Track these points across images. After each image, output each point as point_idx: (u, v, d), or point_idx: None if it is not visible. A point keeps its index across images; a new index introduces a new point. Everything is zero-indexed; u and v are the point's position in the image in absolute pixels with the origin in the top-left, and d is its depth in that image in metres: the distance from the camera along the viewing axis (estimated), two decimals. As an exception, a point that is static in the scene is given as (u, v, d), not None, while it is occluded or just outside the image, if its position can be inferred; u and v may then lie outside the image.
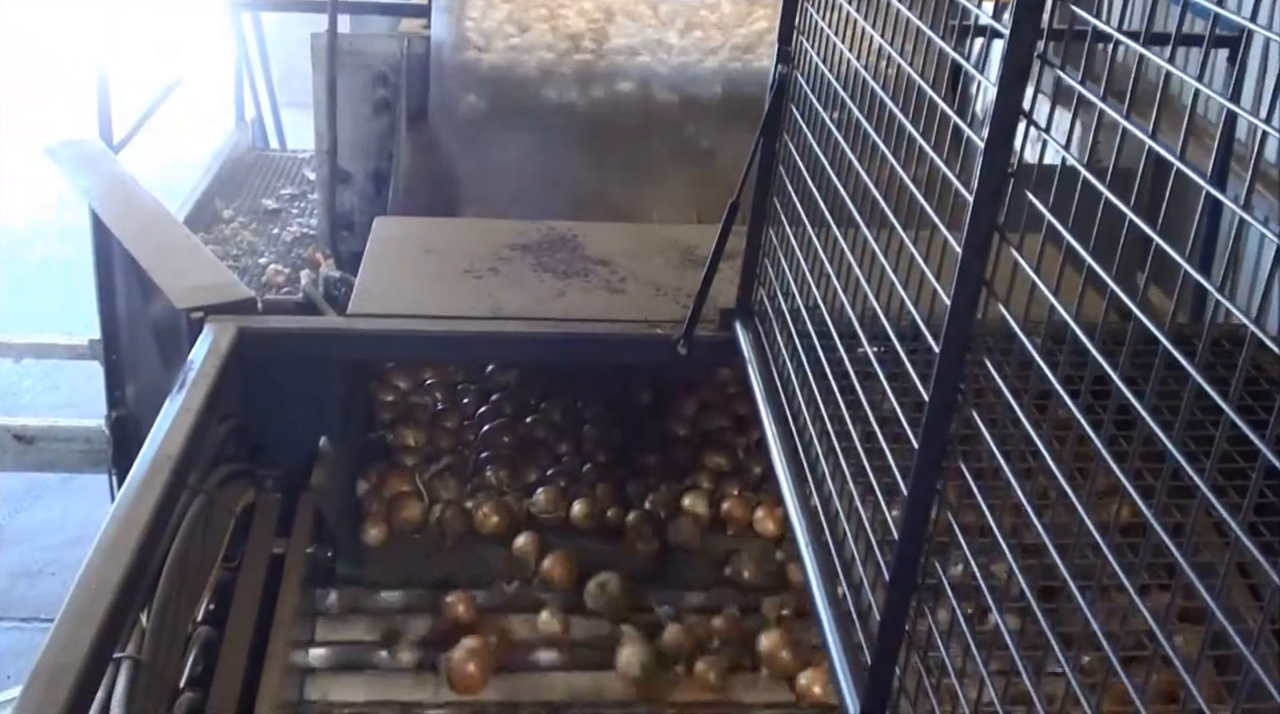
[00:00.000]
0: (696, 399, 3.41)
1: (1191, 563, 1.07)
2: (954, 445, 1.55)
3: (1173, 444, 1.09)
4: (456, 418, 3.34)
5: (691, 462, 3.21)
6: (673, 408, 3.37)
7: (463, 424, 3.32)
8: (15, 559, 6.00)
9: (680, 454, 3.24)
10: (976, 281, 1.44)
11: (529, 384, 3.41)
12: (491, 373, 3.49)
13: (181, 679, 2.20)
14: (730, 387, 3.40)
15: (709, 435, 3.30)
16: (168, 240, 3.22)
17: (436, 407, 3.42)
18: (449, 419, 3.34)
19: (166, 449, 2.30)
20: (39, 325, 6.07)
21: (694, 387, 3.43)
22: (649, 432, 3.29)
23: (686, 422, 3.36)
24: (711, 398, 3.42)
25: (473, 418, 3.35)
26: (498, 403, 3.40)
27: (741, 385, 2.96)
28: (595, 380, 3.41)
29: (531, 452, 3.25)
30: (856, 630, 1.80)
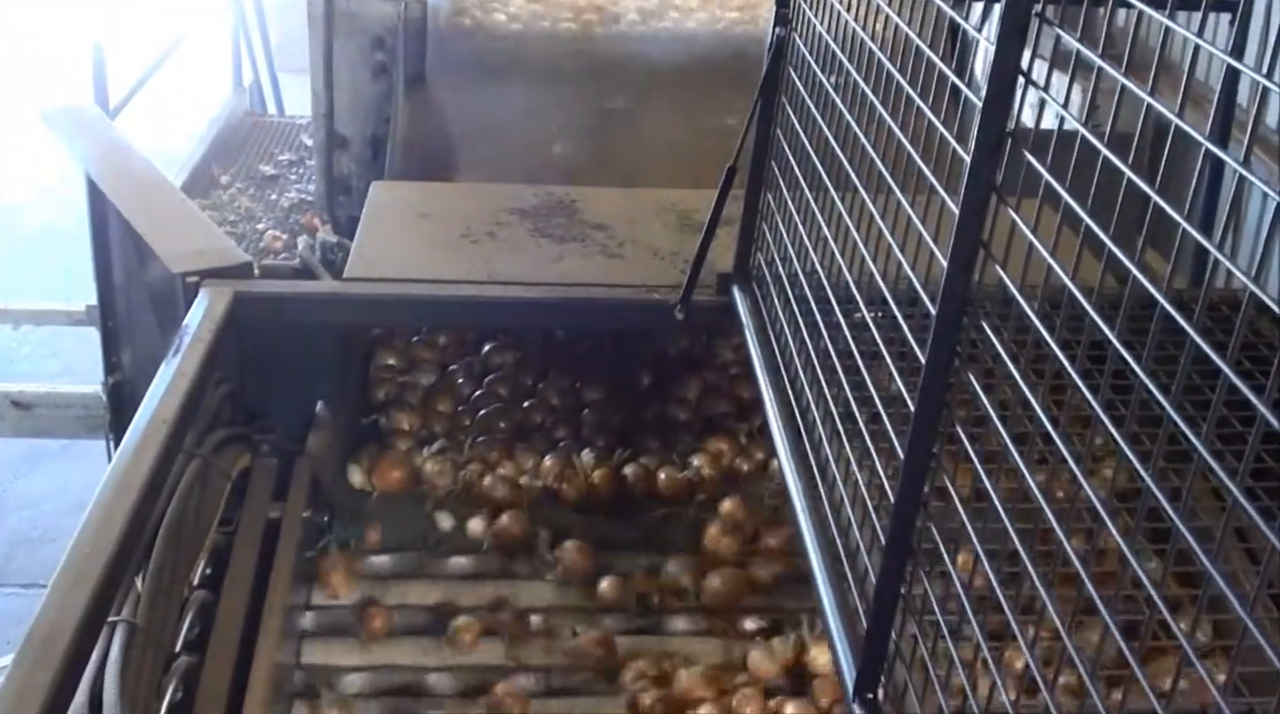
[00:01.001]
0: (700, 382, 3.36)
1: (1189, 526, 1.06)
2: (950, 409, 1.54)
3: (1170, 408, 1.09)
4: (450, 402, 3.28)
5: (692, 447, 3.15)
6: (674, 392, 3.32)
7: (457, 408, 3.27)
8: (15, 526, 6.00)
9: (681, 440, 3.19)
10: (974, 243, 1.43)
11: (526, 365, 3.37)
12: (487, 354, 3.44)
13: (178, 643, 2.20)
14: (733, 369, 3.36)
15: (711, 420, 3.24)
16: (163, 205, 3.21)
17: (430, 388, 3.34)
18: (442, 402, 3.27)
19: (162, 413, 2.29)
20: (37, 295, 6.06)
21: (696, 369, 3.39)
22: (649, 416, 3.24)
23: (688, 406, 3.30)
24: (714, 381, 3.37)
25: (468, 401, 3.29)
26: (493, 385, 3.34)
27: (744, 368, 2.94)
28: (594, 363, 3.37)
29: (528, 436, 3.19)
30: (853, 595, 1.80)
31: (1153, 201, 1.12)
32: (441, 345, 3.48)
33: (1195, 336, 1.03)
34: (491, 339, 3.47)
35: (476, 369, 3.42)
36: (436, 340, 3.47)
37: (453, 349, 3.48)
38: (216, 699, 2.12)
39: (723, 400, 3.32)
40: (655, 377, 3.38)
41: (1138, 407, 1.15)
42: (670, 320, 2.79)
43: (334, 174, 4.16)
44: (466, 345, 3.46)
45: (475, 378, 3.38)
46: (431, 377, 3.37)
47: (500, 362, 3.43)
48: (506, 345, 3.43)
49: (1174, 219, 1.08)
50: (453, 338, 3.49)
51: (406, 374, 3.36)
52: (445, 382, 3.37)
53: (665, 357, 3.46)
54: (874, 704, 1.67)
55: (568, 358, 3.42)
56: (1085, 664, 1.22)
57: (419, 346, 3.46)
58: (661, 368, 3.41)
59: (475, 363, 3.43)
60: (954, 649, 1.51)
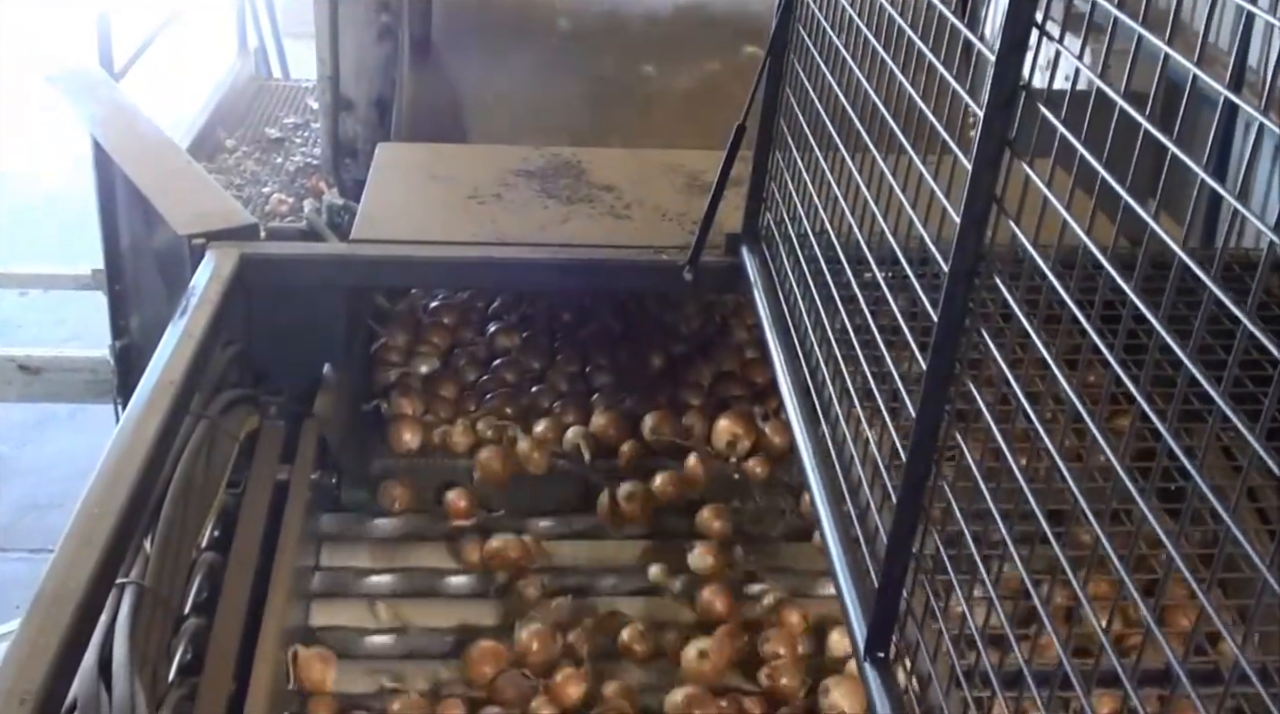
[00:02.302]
0: (713, 366, 3.27)
1: (1207, 484, 1.05)
2: (962, 366, 1.53)
3: (1188, 359, 1.07)
4: (455, 387, 3.18)
5: (706, 432, 3.08)
6: (686, 376, 3.23)
7: (462, 392, 3.17)
8: (23, 491, 6.01)
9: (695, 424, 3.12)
10: (987, 198, 1.42)
11: (533, 348, 3.29)
12: (493, 336, 3.35)
13: (186, 605, 2.20)
14: (748, 352, 3.28)
15: (725, 402, 3.15)
16: (170, 167, 3.20)
17: (433, 374, 3.24)
18: (446, 388, 3.17)
19: (169, 375, 2.28)
20: (43, 260, 6.05)
21: (709, 352, 3.31)
22: (661, 400, 3.14)
23: (700, 391, 3.20)
24: (729, 367, 3.27)
25: (473, 386, 3.20)
26: (499, 370, 3.24)
27: (760, 351, 2.92)
28: (602, 346, 3.31)
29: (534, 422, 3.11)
30: (864, 554, 1.79)
31: (1165, 162, 1.11)
32: (446, 325, 3.38)
33: (1213, 287, 1.01)
34: (497, 320, 3.40)
35: (481, 353, 3.32)
36: (440, 321, 3.38)
37: (457, 330, 3.39)
38: (226, 661, 2.12)
39: (736, 385, 3.20)
40: (667, 360, 3.29)
41: (1152, 365, 1.14)
42: (678, 281, 2.78)
43: (340, 137, 4.14)
44: (471, 323, 3.39)
45: (480, 363, 3.28)
46: (434, 362, 3.27)
47: (506, 345, 3.33)
48: (512, 327, 3.36)
49: (1185, 183, 1.07)
50: (457, 319, 3.40)
51: (408, 361, 3.25)
52: (449, 366, 3.27)
53: (677, 338, 3.37)
54: (885, 663, 1.67)
55: (576, 342, 3.34)
56: (1100, 622, 1.21)
57: (422, 328, 3.35)
58: (673, 351, 3.33)
59: (480, 347, 3.34)
60: (967, 608, 1.50)
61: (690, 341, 3.38)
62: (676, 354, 3.32)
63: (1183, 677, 1.06)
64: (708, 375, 3.24)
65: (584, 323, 3.41)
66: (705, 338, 3.39)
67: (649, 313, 3.42)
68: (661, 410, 3.05)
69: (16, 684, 1.64)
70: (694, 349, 3.34)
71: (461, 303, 3.47)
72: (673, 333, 3.39)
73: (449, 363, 3.28)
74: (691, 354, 3.32)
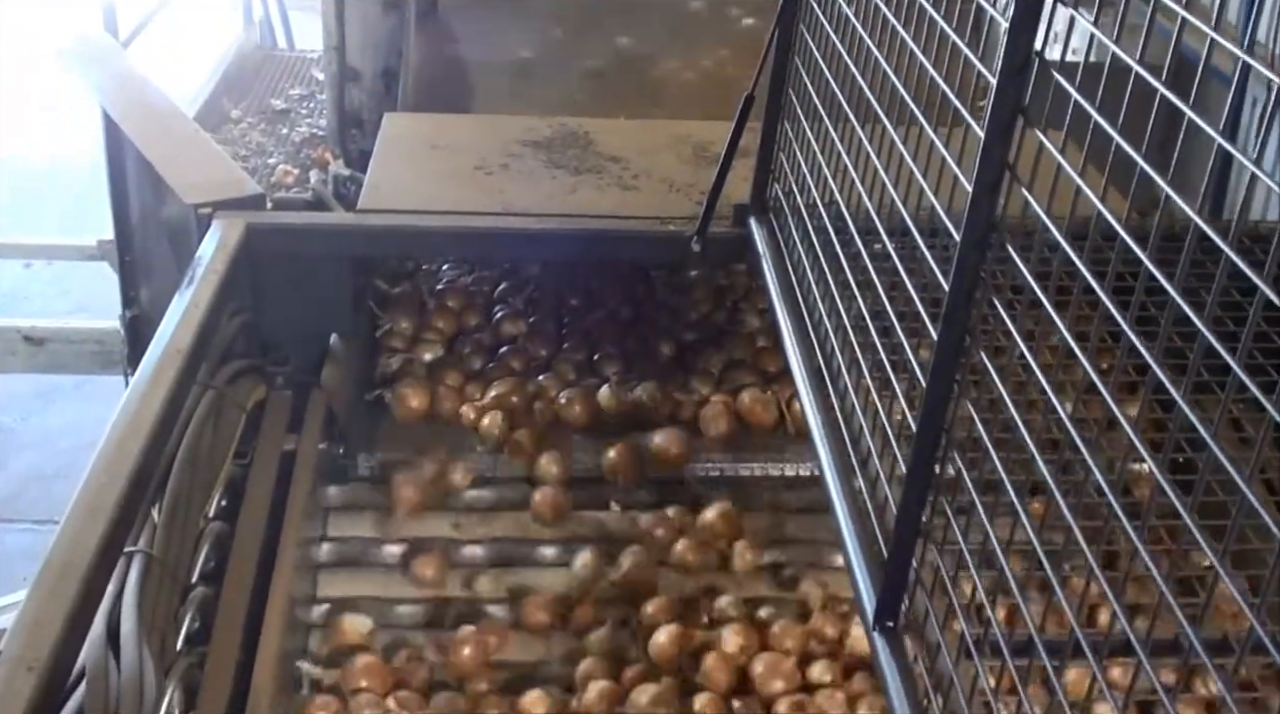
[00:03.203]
0: (724, 354, 3.20)
1: (1223, 451, 1.04)
2: (974, 335, 1.52)
3: (1198, 337, 1.06)
4: (459, 376, 3.11)
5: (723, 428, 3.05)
6: (696, 364, 3.18)
7: (467, 380, 3.10)
8: (29, 463, 6.02)
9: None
10: (999, 166, 1.41)
11: (539, 335, 3.24)
12: (498, 323, 3.29)
13: (194, 574, 2.20)
14: (760, 340, 3.22)
15: (736, 391, 3.10)
16: (177, 137, 3.19)
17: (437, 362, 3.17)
18: (450, 377, 3.09)
19: (175, 344, 2.28)
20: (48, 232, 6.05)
21: (720, 340, 3.25)
22: (671, 388, 3.09)
23: (711, 378, 3.14)
24: (740, 355, 3.20)
25: (479, 375, 3.12)
26: (505, 358, 3.18)
27: (771, 339, 2.89)
28: (611, 333, 3.26)
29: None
30: (873, 525, 1.79)
31: (1180, 135, 1.10)
32: (451, 309, 3.31)
33: (1230, 252, 1.00)
34: (503, 305, 3.35)
35: (487, 341, 3.25)
36: (445, 305, 3.31)
37: (462, 315, 3.31)
38: (233, 630, 2.12)
39: (748, 373, 3.14)
40: (677, 348, 3.23)
41: (1168, 330, 1.13)
42: (686, 252, 2.77)
43: (346, 107, 4.12)
44: (477, 307, 3.33)
45: (486, 350, 3.21)
46: (438, 349, 3.19)
47: (513, 332, 3.27)
48: (519, 313, 3.31)
49: (1193, 158, 1.07)
50: (461, 303, 3.33)
51: (412, 347, 3.18)
52: (454, 353, 3.20)
53: (687, 325, 3.32)
54: (893, 632, 1.66)
55: (583, 329, 3.29)
56: (1112, 591, 1.21)
57: (426, 314, 3.28)
58: (683, 339, 3.27)
59: (486, 334, 3.27)
60: (977, 576, 1.49)
61: (700, 328, 3.32)
62: (686, 342, 3.25)
63: (1197, 645, 1.06)
64: (718, 363, 3.17)
65: (592, 309, 3.36)
66: (716, 325, 3.33)
67: (658, 298, 3.38)
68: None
69: (25, 652, 1.64)
70: (704, 336, 3.28)
71: (466, 287, 3.41)
72: (682, 319, 3.33)
73: (453, 349, 3.22)
74: (702, 341, 3.25)
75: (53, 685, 1.65)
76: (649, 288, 3.42)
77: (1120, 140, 1.19)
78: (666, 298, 3.40)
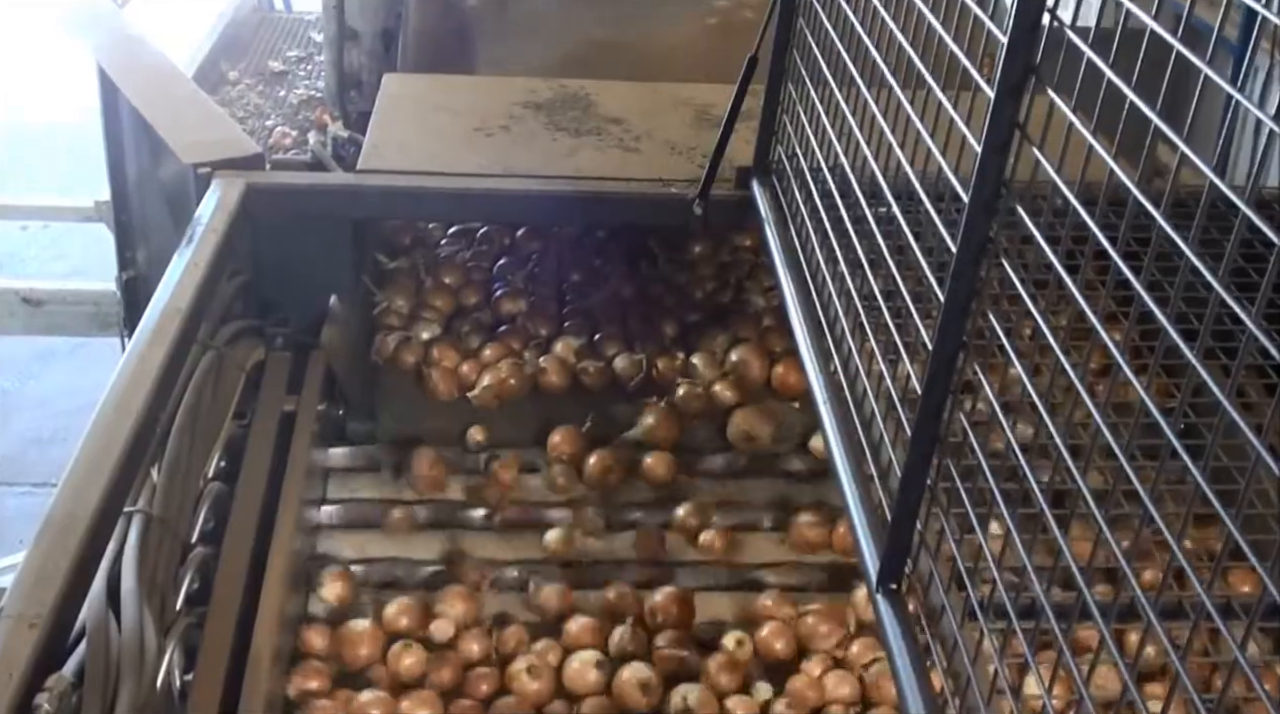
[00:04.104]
0: (729, 334, 3.10)
1: (1236, 407, 1.03)
2: (982, 297, 1.51)
3: (1211, 299, 1.06)
4: (456, 356, 3.01)
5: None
6: (700, 345, 3.09)
7: (464, 361, 3.02)
8: (27, 425, 6.02)
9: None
10: (1009, 125, 1.40)
11: (539, 313, 3.15)
12: (498, 301, 3.19)
13: (194, 534, 2.19)
14: (765, 319, 3.12)
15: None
16: (176, 97, 3.17)
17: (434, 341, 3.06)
18: (448, 358, 3.00)
19: (175, 303, 2.27)
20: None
21: (724, 320, 3.16)
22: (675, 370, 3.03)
23: (714, 360, 3.05)
24: (745, 334, 3.10)
25: (476, 353, 3.04)
26: (504, 337, 3.08)
27: (779, 318, 2.86)
28: (613, 313, 3.19)
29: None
30: (877, 488, 1.78)
31: (1184, 106, 1.10)
32: (449, 286, 3.21)
33: (1246, 210, 0.99)
34: (502, 283, 3.27)
35: (486, 320, 3.16)
36: (442, 282, 3.21)
37: (460, 293, 3.21)
38: (233, 590, 2.12)
39: (753, 354, 3.04)
40: (680, 328, 3.15)
41: (1180, 290, 1.12)
42: (688, 215, 2.76)
43: (345, 68, 4.10)
44: (475, 285, 3.25)
45: (485, 329, 3.12)
46: (436, 328, 3.09)
47: (512, 311, 3.17)
48: (519, 292, 3.22)
49: (1197, 125, 1.07)
50: (460, 281, 3.24)
51: (409, 326, 3.08)
52: (451, 332, 3.11)
53: (691, 305, 3.23)
54: (897, 595, 1.66)
55: (584, 308, 3.21)
56: (1120, 551, 1.20)
57: (424, 293, 3.18)
58: (686, 319, 3.19)
59: (485, 313, 3.18)
60: (983, 538, 1.49)
61: (704, 308, 3.23)
62: (690, 322, 3.17)
63: (1209, 605, 1.05)
64: (723, 344, 3.08)
65: (594, 287, 3.29)
66: (720, 305, 3.24)
67: (661, 276, 3.32)
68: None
69: (26, 609, 1.63)
70: (708, 316, 3.19)
71: (464, 263, 3.32)
72: (686, 299, 3.25)
73: (451, 328, 3.13)
74: (706, 321, 3.16)
75: (54, 642, 1.66)
76: (652, 265, 3.35)
77: (1134, 97, 1.18)
78: (670, 275, 3.32)
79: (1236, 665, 1.03)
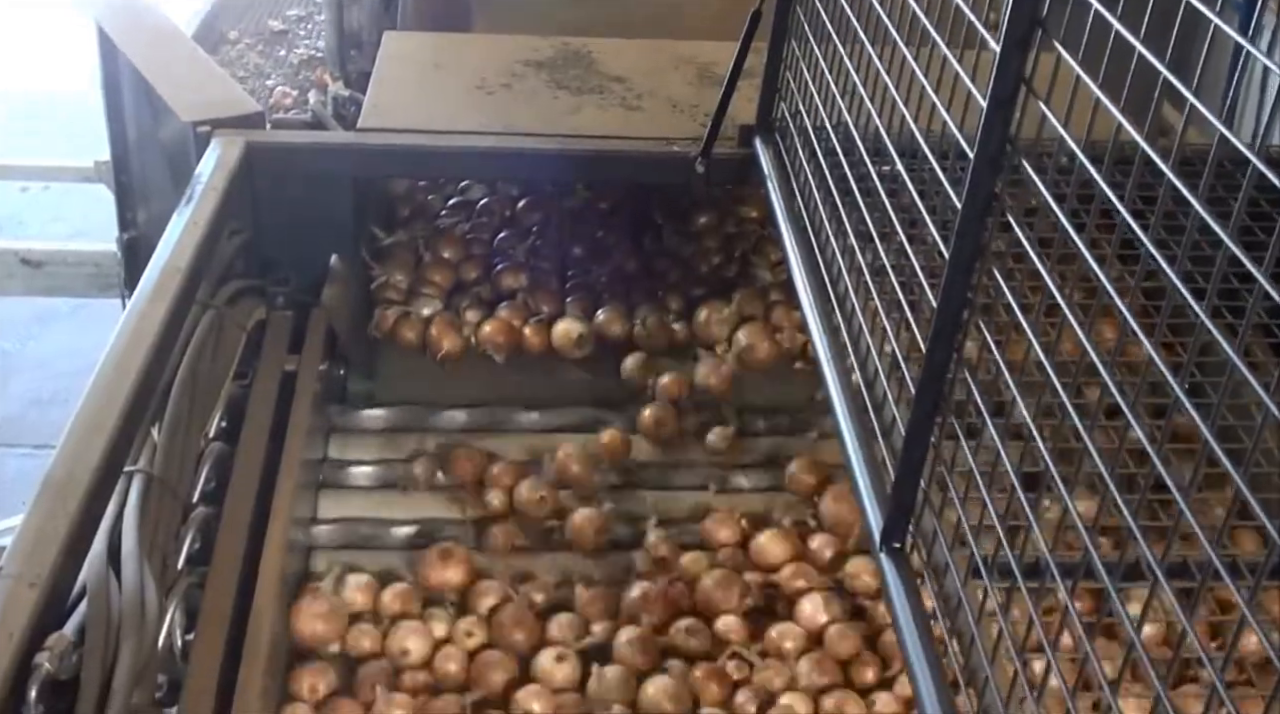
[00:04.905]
0: (737, 312, 3.01)
1: (1245, 362, 1.02)
2: (986, 255, 1.50)
3: (1220, 252, 1.05)
4: (456, 336, 2.95)
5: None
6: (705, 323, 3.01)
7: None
8: (27, 387, 6.01)
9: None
10: (1015, 79, 1.38)
11: (540, 288, 3.08)
12: (498, 276, 3.13)
13: (195, 494, 2.19)
14: (772, 294, 3.06)
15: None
16: (175, 56, 3.15)
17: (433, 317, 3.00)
18: (448, 338, 2.94)
19: (175, 262, 2.26)
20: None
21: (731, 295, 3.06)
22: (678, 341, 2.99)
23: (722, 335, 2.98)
24: (750, 311, 3.02)
25: (476, 329, 2.98)
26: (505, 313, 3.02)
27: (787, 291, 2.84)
28: (617, 287, 3.12)
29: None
30: (880, 446, 1.78)
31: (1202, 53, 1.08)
32: (448, 260, 3.16)
33: (1255, 161, 0.98)
34: (503, 258, 3.21)
35: (487, 295, 3.10)
36: (442, 257, 3.16)
37: (460, 268, 3.16)
38: (234, 550, 2.11)
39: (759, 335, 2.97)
40: (686, 304, 3.08)
41: (1186, 251, 1.11)
42: (690, 173, 2.74)
43: (345, 27, 4.06)
44: (475, 259, 3.20)
45: (485, 304, 3.06)
46: (437, 304, 3.04)
47: (513, 286, 3.11)
48: (519, 266, 3.16)
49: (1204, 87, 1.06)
50: (459, 255, 3.19)
51: (409, 302, 3.03)
52: (450, 310, 3.05)
53: (697, 280, 3.17)
54: (900, 554, 1.65)
55: (588, 284, 3.15)
56: (1128, 509, 1.19)
57: (423, 267, 3.13)
58: (692, 294, 3.11)
59: (485, 288, 3.12)
60: (987, 496, 1.48)
61: (710, 283, 3.16)
62: (695, 297, 3.09)
63: (1216, 562, 1.04)
64: (730, 321, 3.00)
65: (597, 262, 3.23)
66: (726, 279, 3.18)
67: (665, 250, 3.26)
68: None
69: (26, 568, 1.63)
70: (714, 291, 3.11)
71: (464, 237, 3.26)
72: (692, 273, 3.20)
73: (450, 304, 3.08)
74: (711, 297, 3.08)
75: (54, 602, 1.65)
76: (656, 239, 3.31)
77: (1141, 48, 1.16)
78: (675, 248, 3.27)
79: (1244, 623, 1.03)
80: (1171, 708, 1.11)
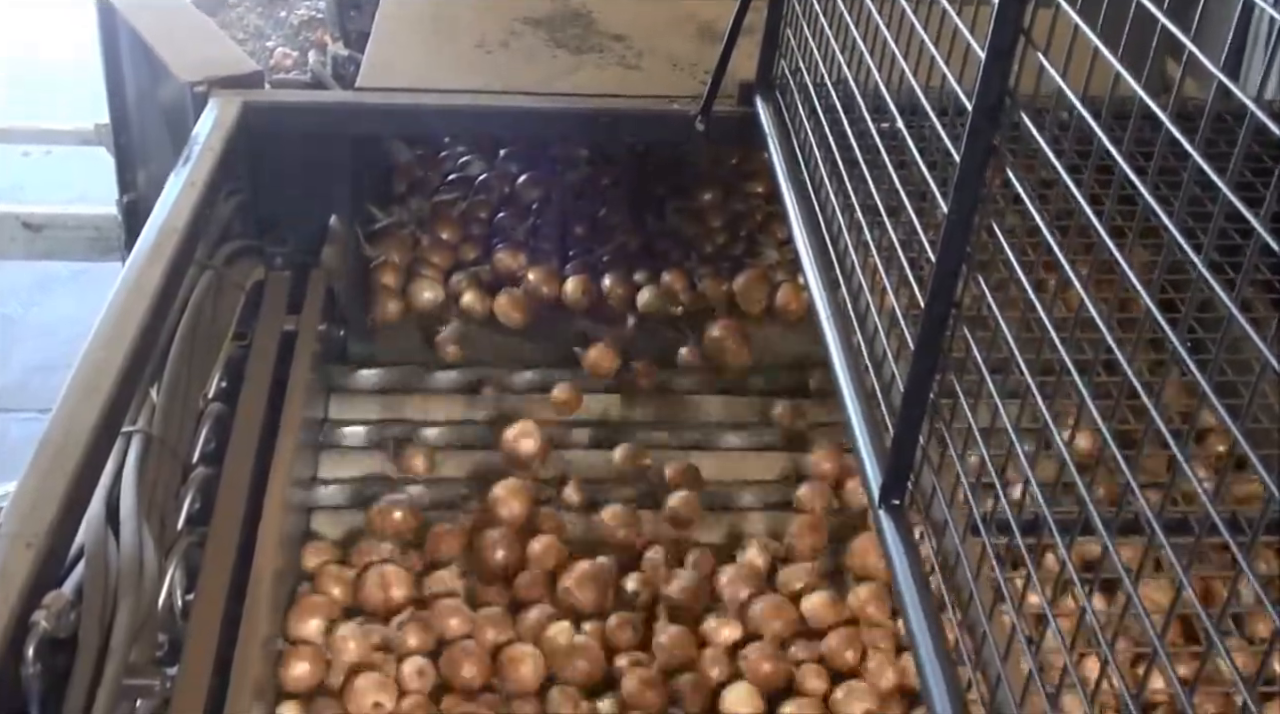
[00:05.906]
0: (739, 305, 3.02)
1: (1246, 317, 1.01)
2: (985, 206, 1.49)
3: (1218, 202, 1.04)
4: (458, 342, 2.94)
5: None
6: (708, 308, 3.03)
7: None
8: (30, 352, 6.00)
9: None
10: (1014, 28, 1.37)
11: (541, 268, 3.05)
12: (498, 256, 3.10)
13: (194, 455, 2.18)
14: (778, 274, 3.05)
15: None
16: (174, 17, 3.13)
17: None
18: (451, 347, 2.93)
19: (172, 222, 2.25)
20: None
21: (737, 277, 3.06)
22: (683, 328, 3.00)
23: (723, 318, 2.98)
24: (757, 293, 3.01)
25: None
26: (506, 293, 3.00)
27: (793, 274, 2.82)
28: (619, 268, 3.09)
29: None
30: (879, 403, 1.77)
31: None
32: (447, 241, 3.14)
33: (1256, 111, 0.97)
34: (502, 237, 3.19)
35: (486, 277, 3.08)
36: (439, 238, 3.13)
37: (459, 249, 3.15)
38: (234, 510, 2.11)
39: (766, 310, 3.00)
40: (689, 283, 3.07)
41: (1184, 202, 1.10)
42: (690, 131, 2.73)
43: (345, -12, 4.04)
44: (474, 239, 3.18)
45: (484, 285, 3.05)
46: (439, 289, 3.02)
47: (512, 267, 3.08)
48: (519, 246, 3.13)
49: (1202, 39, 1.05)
50: (458, 236, 3.17)
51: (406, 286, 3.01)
52: (448, 291, 3.04)
53: (701, 258, 3.14)
54: (899, 510, 1.65)
55: (589, 264, 3.11)
56: (1125, 466, 1.18)
57: (421, 249, 3.10)
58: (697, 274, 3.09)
59: (485, 271, 3.09)
60: (986, 452, 1.47)
61: (716, 262, 3.13)
62: (700, 275, 3.08)
63: (1216, 519, 1.04)
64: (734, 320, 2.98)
65: (598, 241, 3.20)
66: (732, 258, 3.16)
67: (669, 229, 3.23)
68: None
69: (23, 528, 1.63)
70: (720, 271, 3.09)
71: (462, 215, 3.23)
72: (697, 252, 3.17)
73: (449, 286, 3.05)
74: (717, 275, 3.07)
75: (51, 561, 1.65)
76: (660, 217, 3.28)
77: (1151, 5, 1.15)
78: (679, 227, 3.23)
79: (1241, 577, 1.02)
80: (1169, 662, 1.11)
